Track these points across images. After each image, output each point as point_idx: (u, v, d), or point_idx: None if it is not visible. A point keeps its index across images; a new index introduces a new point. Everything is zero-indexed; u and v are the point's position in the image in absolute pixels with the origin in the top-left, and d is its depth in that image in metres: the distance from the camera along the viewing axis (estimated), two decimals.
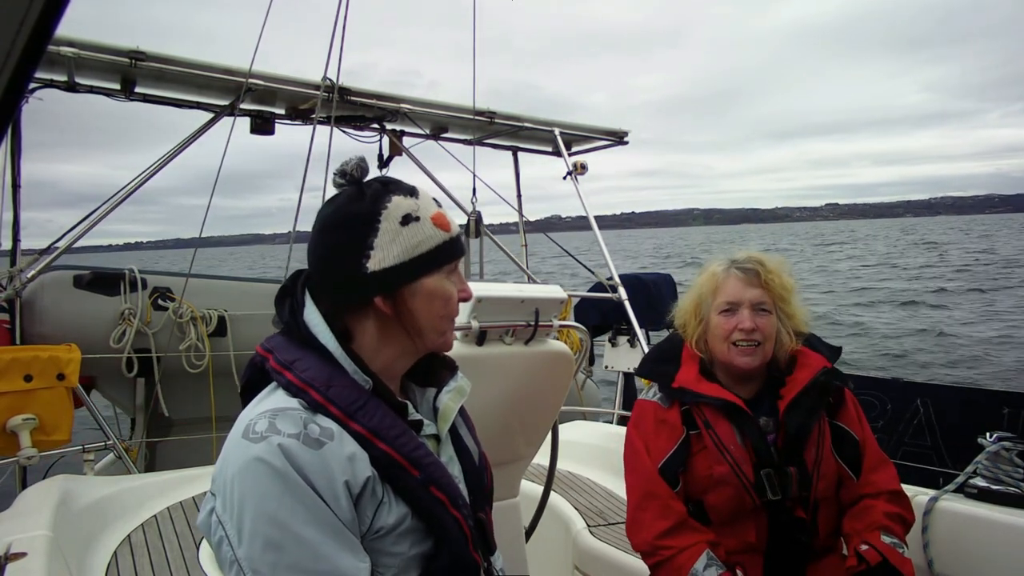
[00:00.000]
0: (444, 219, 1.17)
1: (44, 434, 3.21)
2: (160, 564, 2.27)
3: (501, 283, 2.06)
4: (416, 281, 1.13)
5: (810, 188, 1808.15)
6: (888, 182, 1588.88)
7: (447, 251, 1.16)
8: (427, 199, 1.18)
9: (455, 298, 1.19)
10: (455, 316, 1.21)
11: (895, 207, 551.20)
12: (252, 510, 0.96)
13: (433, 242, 1.14)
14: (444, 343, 1.22)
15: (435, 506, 1.07)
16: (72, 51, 3.53)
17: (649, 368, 2.04)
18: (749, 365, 1.84)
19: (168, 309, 4.62)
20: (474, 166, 5.07)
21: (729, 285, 1.88)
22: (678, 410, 1.88)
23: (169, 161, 4.15)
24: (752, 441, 1.80)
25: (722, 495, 1.80)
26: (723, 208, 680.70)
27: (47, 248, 3.84)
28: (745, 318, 1.84)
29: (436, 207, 1.18)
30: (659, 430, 1.88)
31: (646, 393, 2.00)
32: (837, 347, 1.99)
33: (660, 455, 1.85)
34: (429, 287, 1.14)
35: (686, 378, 1.89)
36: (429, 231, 1.14)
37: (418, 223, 1.13)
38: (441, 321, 1.18)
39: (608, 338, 5.48)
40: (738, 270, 1.89)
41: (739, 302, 1.86)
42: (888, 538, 1.74)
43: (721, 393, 1.84)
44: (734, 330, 1.84)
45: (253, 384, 1.13)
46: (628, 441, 1.95)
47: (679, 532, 1.78)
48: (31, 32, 0.49)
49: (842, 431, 1.88)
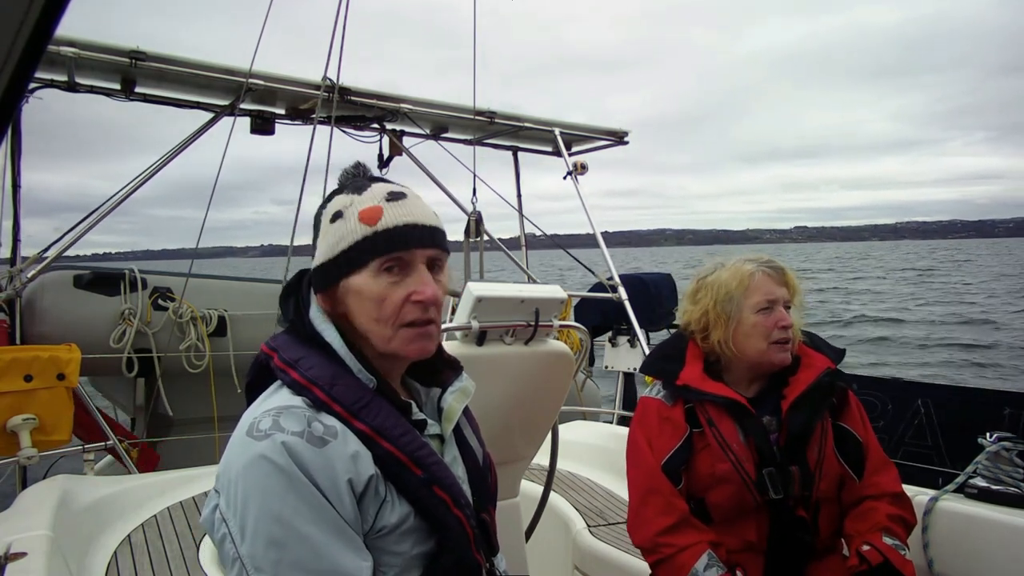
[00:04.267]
0: (373, 213, 1.08)
1: (44, 434, 3.21)
2: (160, 564, 2.27)
3: (501, 283, 2.07)
4: (343, 280, 1.09)
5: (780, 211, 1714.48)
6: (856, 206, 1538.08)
7: (369, 247, 1.07)
8: (374, 194, 1.11)
9: (391, 299, 1.07)
10: (396, 319, 1.08)
11: (862, 231, 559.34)
12: (255, 507, 0.96)
13: (353, 238, 1.07)
14: (400, 349, 1.09)
15: (437, 506, 1.07)
16: (72, 51, 3.53)
17: (654, 365, 2.04)
18: (785, 361, 1.87)
19: (168, 309, 4.62)
20: (474, 166, 5.07)
21: (765, 284, 1.89)
22: (682, 407, 1.89)
23: (170, 160, 4.15)
24: (755, 440, 1.80)
25: (724, 493, 1.81)
26: (695, 229, 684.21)
27: (47, 248, 3.85)
28: (784, 315, 1.87)
29: (376, 202, 1.09)
30: (662, 427, 1.88)
31: (650, 390, 2.00)
32: (841, 349, 1.99)
33: (663, 452, 1.85)
34: (355, 286, 1.08)
35: (690, 376, 1.90)
36: (352, 227, 1.08)
37: (342, 219, 1.10)
38: (377, 324, 1.08)
39: (608, 338, 5.48)
40: (769, 269, 1.91)
41: (776, 299, 1.88)
42: (890, 539, 1.74)
43: (725, 391, 1.85)
44: (775, 327, 1.85)
45: (258, 382, 1.13)
46: (631, 438, 1.95)
47: (681, 530, 1.78)
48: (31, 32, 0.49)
49: (845, 432, 1.88)
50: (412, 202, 1.12)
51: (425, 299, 1.08)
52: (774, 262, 1.94)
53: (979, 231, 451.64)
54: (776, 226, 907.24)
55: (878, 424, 3.60)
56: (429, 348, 1.12)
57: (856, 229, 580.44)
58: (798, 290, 1.93)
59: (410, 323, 1.09)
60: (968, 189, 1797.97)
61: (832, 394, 1.88)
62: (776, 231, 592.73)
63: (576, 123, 5.63)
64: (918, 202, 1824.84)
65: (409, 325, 1.09)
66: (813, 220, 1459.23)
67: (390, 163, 5.03)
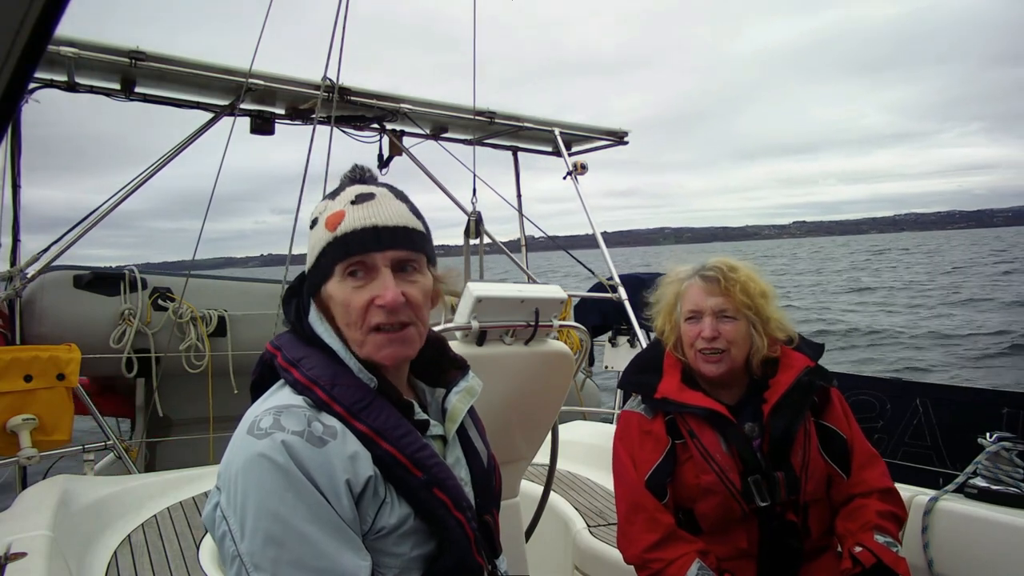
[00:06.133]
0: (335, 219, 1.08)
1: (44, 434, 3.21)
2: (160, 564, 2.27)
3: (501, 283, 2.07)
4: (323, 286, 1.10)
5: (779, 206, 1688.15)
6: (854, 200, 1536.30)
7: (331, 252, 1.07)
8: (343, 199, 1.10)
9: (353, 304, 1.06)
10: (363, 324, 1.06)
11: (861, 224, 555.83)
12: (255, 505, 0.96)
13: (321, 245, 1.08)
14: (372, 354, 1.07)
15: (438, 508, 1.07)
16: (72, 51, 3.53)
17: (631, 380, 2.03)
18: (714, 372, 1.85)
19: (168, 309, 4.62)
20: (474, 166, 5.08)
21: (692, 293, 1.89)
22: (662, 420, 1.87)
23: (172, 159, 4.15)
24: (737, 448, 1.79)
25: (710, 504, 1.80)
26: (694, 227, 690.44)
27: (47, 248, 3.84)
28: (706, 326, 1.85)
29: (341, 206, 1.09)
30: (644, 441, 1.87)
31: (630, 404, 1.99)
32: (819, 344, 1.97)
33: (646, 467, 1.84)
34: (330, 292, 1.09)
35: (668, 388, 1.88)
36: (320, 234, 1.09)
37: (316, 227, 1.11)
38: (348, 329, 1.08)
39: (608, 338, 5.48)
40: (700, 278, 1.90)
41: (701, 310, 1.87)
42: (882, 537, 1.73)
43: (704, 402, 1.83)
44: (697, 337, 1.85)
45: (263, 380, 1.14)
46: (615, 453, 1.95)
47: (668, 544, 1.77)
48: (31, 32, 0.49)
49: (829, 430, 1.87)
50: (378, 203, 1.10)
51: (386, 303, 1.05)
52: (714, 270, 1.88)
53: (978, 221, 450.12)
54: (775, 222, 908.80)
55: (877, 424, 3.60)
56: (404, 353, 1.10)
57: (855, 223, 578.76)
58: (755, 296, 1.85)
59: (377, 327, 1.07)
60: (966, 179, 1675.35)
61: (813, 393, 1.86)
62: (775, 227, 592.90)
63: (576, 123, 5.63)
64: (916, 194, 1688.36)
65: (377, 330, 1.07)
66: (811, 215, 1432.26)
67: (390, 163, 5.03)
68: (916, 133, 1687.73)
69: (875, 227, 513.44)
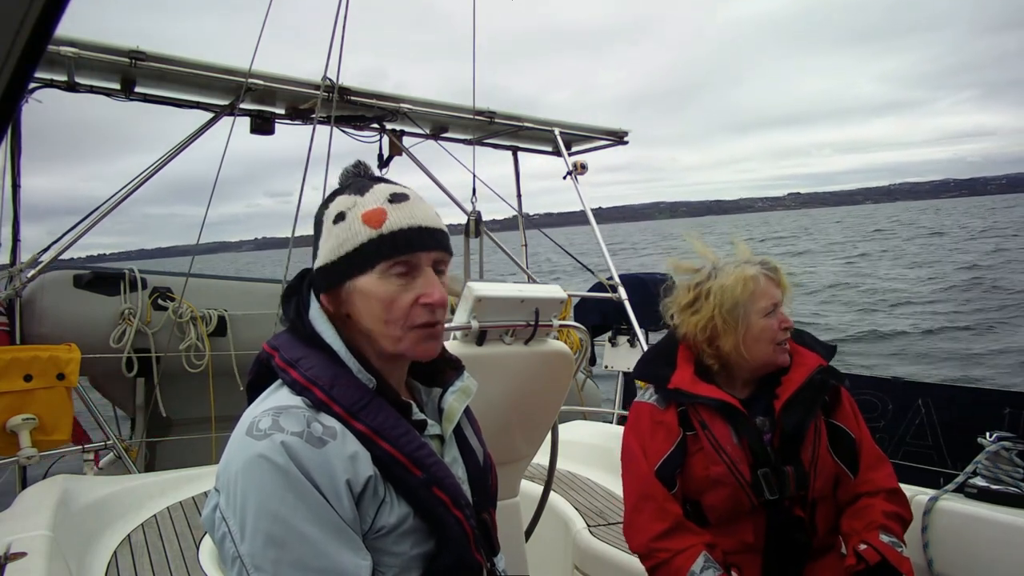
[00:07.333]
0: (377, 215, 1.08)
1: (44, 434, 3.21)
2: (160, 564, 2.27)
3: (501, 283, 2.07)
4: (348, 281, 1.09)
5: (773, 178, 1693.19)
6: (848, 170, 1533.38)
7: (375, 250, 1.07)
8: (376, 196, 1.11)
9: (399, 302, 1.07)
10: (405, 321, 1.08)
11: (855, 194, 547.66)
12: (254, 506, 0.96)
13: (357, 240, 1.08)
14: (408, 350, 1.10)
15: (437, 506, 1.07)
16: (72, 51, 3.53)
17: (645, 370, 2.04)
18: (787, 361, 1.88)
19: (168, 309, 4.62)
20: (474, 166, 5.08)
21: (767, 288, 1.89)
22: (675, 411, 1.88)
23: (170, 160, 4.15)
24: (748, 441, 1.80)
25: (719, 495, 1.81)
26: (689, 201, 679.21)
27: (46, 248, 3.85)
28: (785, 316, 1.88)
29: (379, 204, 1.10)
30: (655, 432, 1.88)
31: (642, 395, 2.00)
32: (832, 345, 1.99)
33: (657, 457, 1.85)
34: (361, 288, 1.08)
35: (682, 379, 1.89)
36: (356, 229, 1.08)
37: (345, 221, 1.10)
38: (386, 326, 1.08)
39: (608, 338, 5.49)
40: (767, 271, 1.91)
41: (778, 302, 1.89)
42: (887, 537, 1.74)
43: (717, 394, 1.85)
44: (779, 329, 1.86)
45: (260, 380, 1.13)
46: (625, 443, 1.95)
47: (675, 534, 1.78)
48: (31, 32, 0.49)
49: (838, 430, 1.88)
50: (415, 204, 1.12)
51: (434, 302, 1.08)
52: (770, 263, 1.94)
53: (971, 189, 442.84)
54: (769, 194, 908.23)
55: (878, 424, 3.61)
56: (436, 349, 1.14)
57: (849, 193, 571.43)
58: (788, 287, 1.93)
59: (419, 325, 1.09)
60: (959, 147, 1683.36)
61: (825, 392, 1.88)
62: (769, 199, 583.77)
63: (576, 123, 5.64)
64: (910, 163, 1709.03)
65: (418, 327, 1.09)
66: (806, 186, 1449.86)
67: (390, 163, 5.04)
68: (909, 102, 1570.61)
69: (870, 197, 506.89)
